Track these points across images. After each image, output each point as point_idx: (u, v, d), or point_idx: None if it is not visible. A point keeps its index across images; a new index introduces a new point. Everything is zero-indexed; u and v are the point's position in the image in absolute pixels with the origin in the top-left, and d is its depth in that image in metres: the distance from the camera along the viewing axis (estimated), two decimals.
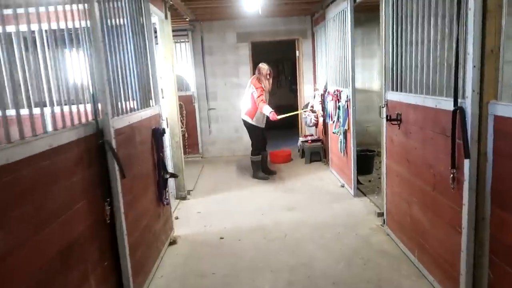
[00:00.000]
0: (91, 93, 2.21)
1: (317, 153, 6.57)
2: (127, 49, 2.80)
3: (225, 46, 7.23)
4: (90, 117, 2.21)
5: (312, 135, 7.17)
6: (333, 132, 4.97)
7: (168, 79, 4.66)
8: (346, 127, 4.69)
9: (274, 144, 7.79)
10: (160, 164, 3.26)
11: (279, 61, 10.69)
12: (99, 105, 2.24)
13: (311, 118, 7.00)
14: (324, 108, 6.24)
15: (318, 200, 4.65)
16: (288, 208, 4.44)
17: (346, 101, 4.60)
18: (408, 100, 2.87)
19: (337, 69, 5.10)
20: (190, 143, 7.41)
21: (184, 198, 4.95)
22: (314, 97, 7.18)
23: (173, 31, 7.36)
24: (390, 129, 3.26)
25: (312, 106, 7.12)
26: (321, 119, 6.58)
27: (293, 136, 8.41)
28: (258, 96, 5.44)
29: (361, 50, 7.40)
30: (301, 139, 7.03)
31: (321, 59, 6.55)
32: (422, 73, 2.67)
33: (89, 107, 2.23)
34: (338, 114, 4.88)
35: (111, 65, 2.44)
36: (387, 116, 3.16)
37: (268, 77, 5.51)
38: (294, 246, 3.47)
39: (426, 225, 2.69)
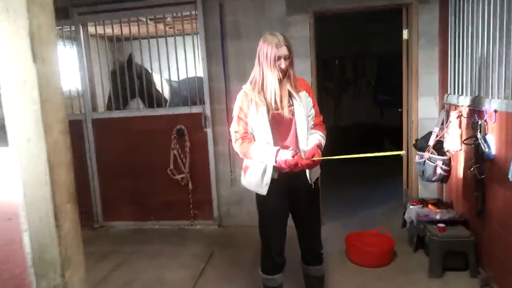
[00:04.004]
0: None
1: (460, 255, 2.86)
2: None
3: (265, 22, 3.81)
4: None
5: (437, 200, 3.47)
6: None
7: (18, 89, 1.33)
8: None
9: (351, 204, 4.20)
10: None
11: (357, 56, 6.93)
12: None
13: (435, 167, 3.35)
14: (482, 155, 2.55)
15: None
16: None
17: None
18: None
19: None
20: (197, 199, 4.08)
21: None
22: (443, 122, 3.45)
23: None
24: None
25: (436, 141, 3.42)
26: (460, 169, 2.89)
27: (391, 185, 4.73)
28: (231, 126, 2.23)
29: None
30: (413, 208, 3.37)
31: (476, 41, 2.85)
32: None
33: None
34: None
35: None
36: None
37: (274, 62, 1.99)
38: None
39: None
